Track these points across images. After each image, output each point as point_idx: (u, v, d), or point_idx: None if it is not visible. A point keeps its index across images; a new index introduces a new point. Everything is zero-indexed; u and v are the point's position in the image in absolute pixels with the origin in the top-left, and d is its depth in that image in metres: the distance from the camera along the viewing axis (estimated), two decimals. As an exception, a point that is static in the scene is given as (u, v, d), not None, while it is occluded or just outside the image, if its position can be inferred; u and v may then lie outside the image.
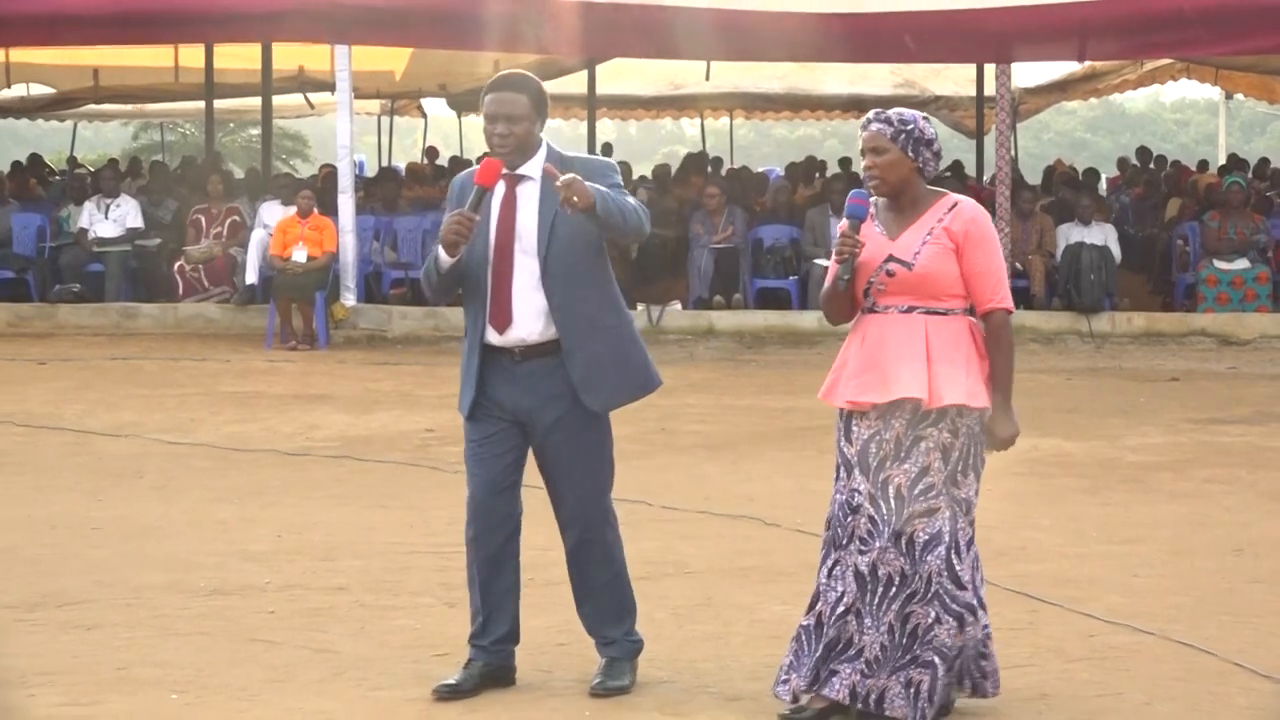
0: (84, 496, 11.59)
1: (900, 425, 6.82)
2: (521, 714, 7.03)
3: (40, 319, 20.83)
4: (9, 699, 6.44)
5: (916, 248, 6.86)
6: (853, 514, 6.88)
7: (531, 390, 7.06)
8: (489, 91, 7.09)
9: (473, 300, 7.09)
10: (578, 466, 7.17)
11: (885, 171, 6.91)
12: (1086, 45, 22.55)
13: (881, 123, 6.98)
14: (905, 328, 6.88)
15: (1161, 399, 16.07)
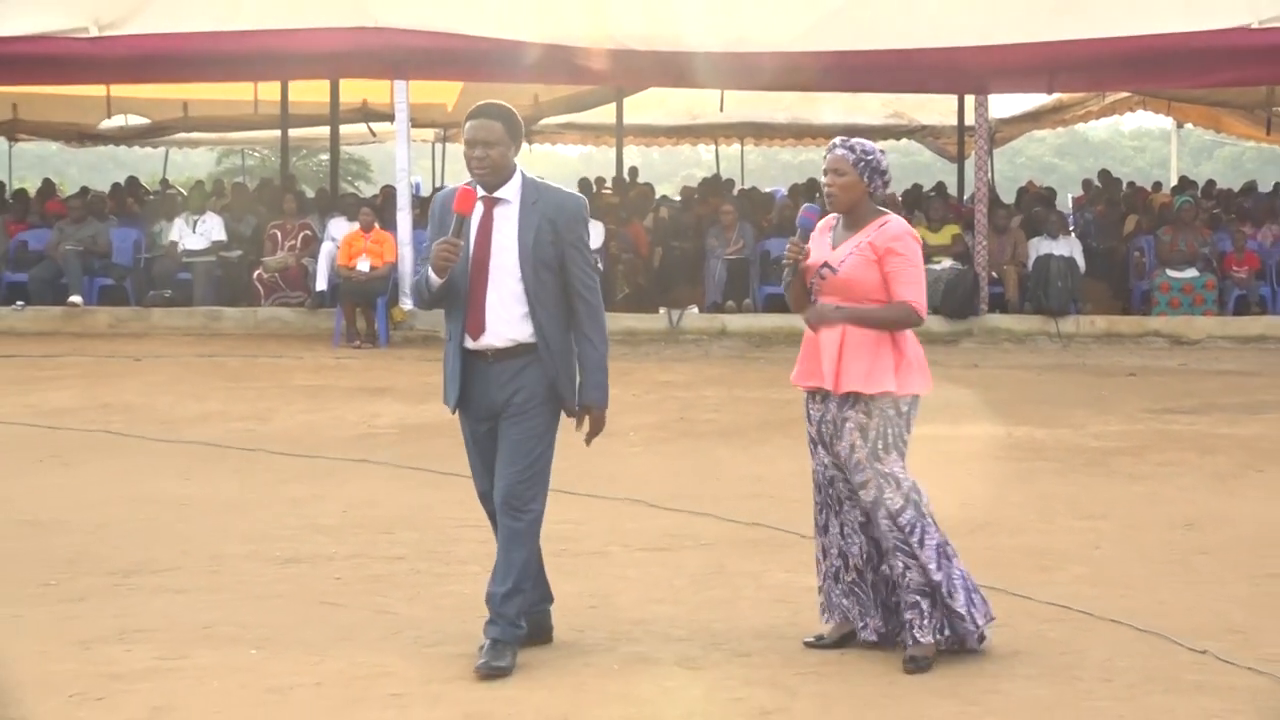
0: (174, 477, 11.59)
1: (834, 408, 7.25)
2: (557, 667, 7.03)
3: (136, 321, 20.85)
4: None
5: (844, 256, 7.25)
6: (830, 484, 7.34)
7: (501, 387, 7.03)
8: (468, 119, 7.04)
9: (453, 309, 7.07)
10: (517, 456, 7.05)
11: (841, 191, 7.30)
12: (1055, 80, 22.56)
13: (846, 149, 7.33)
14: (833, 324, 7.19)
15: (1121, 392, 16.03)
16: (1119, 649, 7.29)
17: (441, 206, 7.10)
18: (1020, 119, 32.13)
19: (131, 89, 27.54)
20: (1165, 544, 9.59)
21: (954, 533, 9.74)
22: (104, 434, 13.43)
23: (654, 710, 6.46)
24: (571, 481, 11.05)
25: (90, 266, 21.50)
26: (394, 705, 6.53)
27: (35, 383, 16.20)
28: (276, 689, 6.72)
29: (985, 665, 7.07)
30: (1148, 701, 6.58)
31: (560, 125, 32.49)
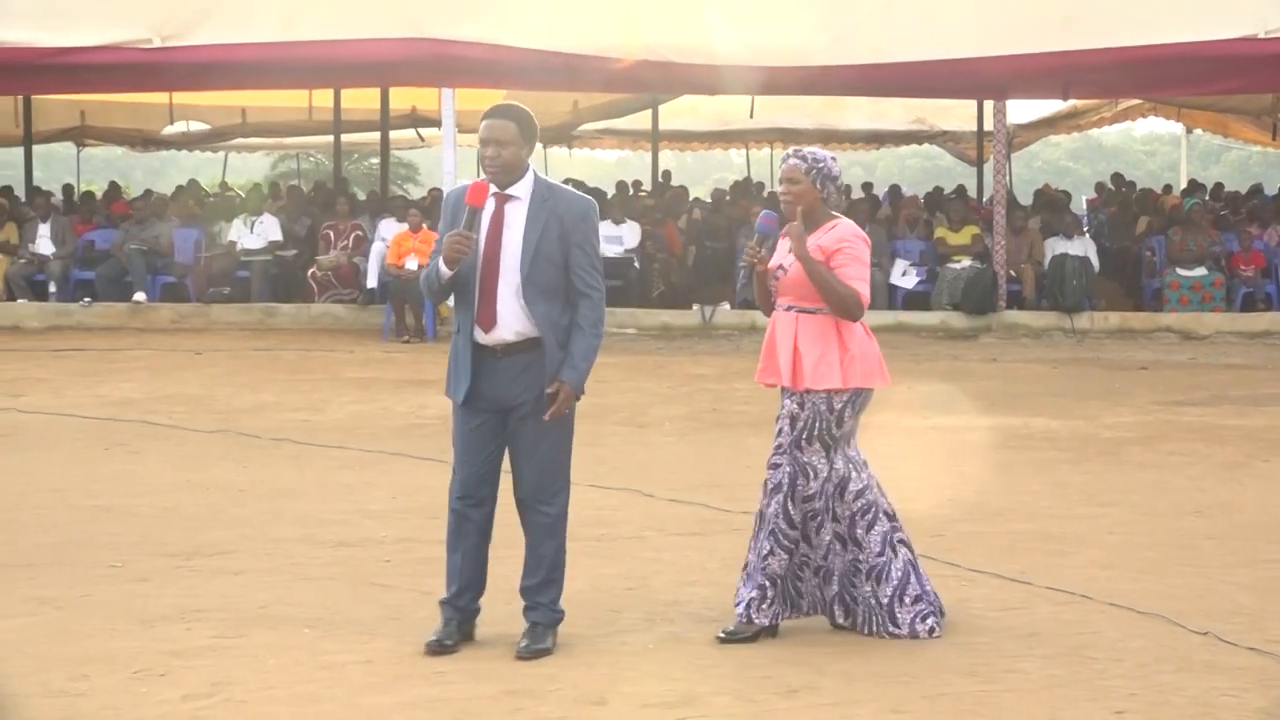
0: (232, 464, 11.62)
1: (790, 403, 7.29)
2: (595, 646, 7.04)
3: (196, 316, 20.91)
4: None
5: (790, 257, 7.25)
6: (779, 473, 7.32)
7: (511, 381, 6.94)
8: (484, 118, 6.98)
9: (463, 303, 6.97)
10: (540, 446, 7.00)
11: (796, 198, 7.29)
12: (1070, 88, 22.50)
13: (799, 159, 7.34)
14: (786, 322, 7.28)
15: (1133, 385, 15.98)
16: (1130, 630, 7.26)
17: (454, 203, 7.02)
18: (1037, 124, 32.06)
19: (192, 96, 27.62)
20: (1175, 530, 9.55)
21: (972, 518, 9.79)
22: (166, 424, 13.48)
23: (687, 687, 6.46)
24: (609, 470, 11.06)
25: (153, 265, 21.57)
26: (440, 681, 6.54)
27: (102, 375, 16.26)
28: (329, 666, 6.73)
29: (1004, 645, 7.05)
30: (1158, 680, 6.55)
31: (598, 131, 32.51)
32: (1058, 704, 6.29)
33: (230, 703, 6.26)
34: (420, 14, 20.04)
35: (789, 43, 20.06)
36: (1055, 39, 19.74)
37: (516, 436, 7.02)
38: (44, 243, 21.98)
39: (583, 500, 9.90)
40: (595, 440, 12.10)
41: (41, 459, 11.85)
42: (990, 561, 8.69)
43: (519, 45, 19.91)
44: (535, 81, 20.99)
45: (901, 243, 21.85)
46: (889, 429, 13.19)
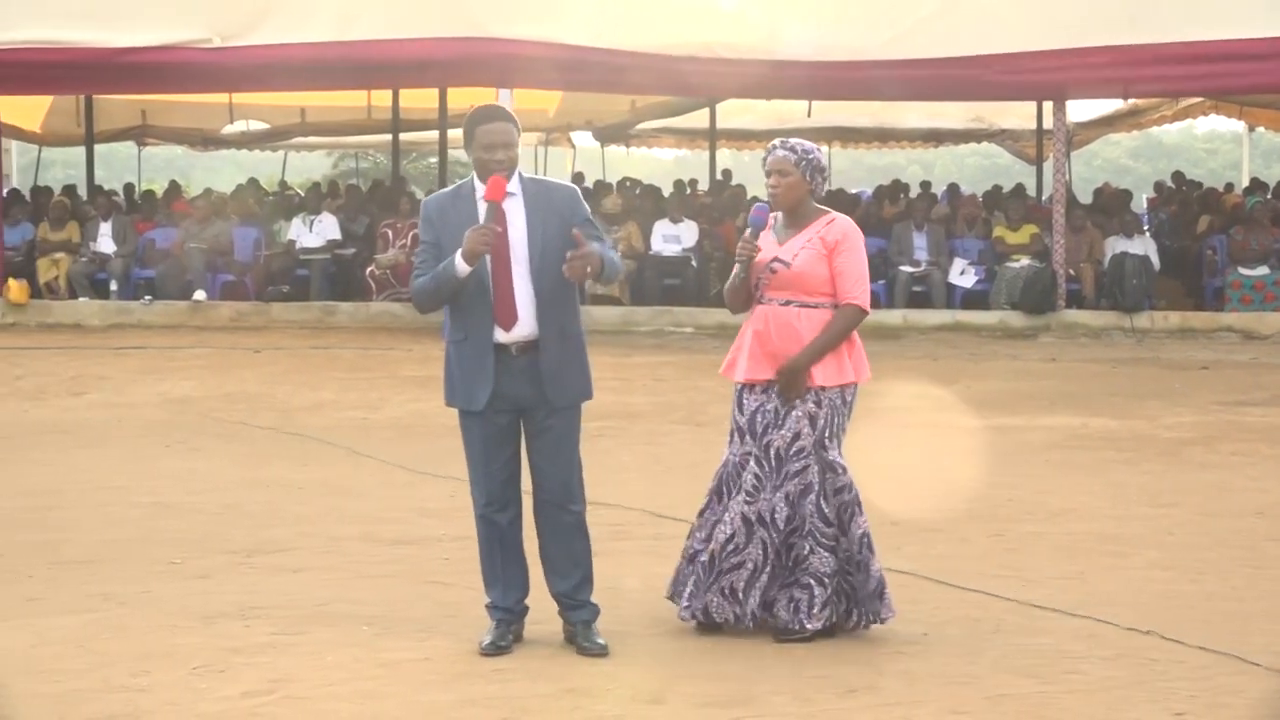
0: (291, 462, 11.68)
1: (777, 398, 7.16)
2: (652, 646, 7.06)
3: (256, 315, 21.00)
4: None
5: (796, 251, 7.19)
6: (743, 471, 7.21)
7: (532, 380, 6.91)
8: (482, 123, 6.88)
9: (475, 304, 6.89)
10: (563, 446, 7.00)
11: (786, 190, 7.24)
12: (1130, 86, 22.38)
13: (787, 150, 7.32)
14: (785, 317, 7.18)
15: (1193, 385, 15.89)
16: (1190, 632, 7.21)
17: (439, 209, 6.98)
18: (1096, 123, 31.87)
19: (252, 96, 27.72)
20: (1236, 531, 9.49)
21: (1032, 519, 9.76)
22: (226, 421, 13.55)
23: (744, 686, 6.45)
24: (665, 469, 11.06)
25: (213, 263, 21.68)
26: (497, 679, 6.55)
27: (163, 372, 16.36)
28: (387, 663, 6.75)
29: (1063, 646, 7.02)
30: (1219, 682, 6.52)
31: (656, 129, 32.49)
32: (1118, 705, 6.26)
33: (289, 699, 6.29)
34: (479, 13, 20.08)
35: (847, 41, 20.03)
36: (1115, 37, 19.65)
37: (540, 438, 7.00)
38: (105, 241, 22.10)
39: (640, 499, 9.93)
40: (653, 439, 12.11)
41: (103, 456, 11.93)
42: (1050, 562, 8.66)
43: (578, 44, 19.94)
44: (592, 83, 21.02)
45: (960, 241, 21.77)
46: (948, 429, 13.17)
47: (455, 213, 6.93)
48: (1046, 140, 26.07)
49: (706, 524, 7.32)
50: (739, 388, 7.28)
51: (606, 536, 8.72)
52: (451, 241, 6.86)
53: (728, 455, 7.30)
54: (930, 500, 10.27)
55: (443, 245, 6.89)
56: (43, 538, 9.20)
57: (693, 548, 7.33)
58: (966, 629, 7.33)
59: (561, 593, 7.08)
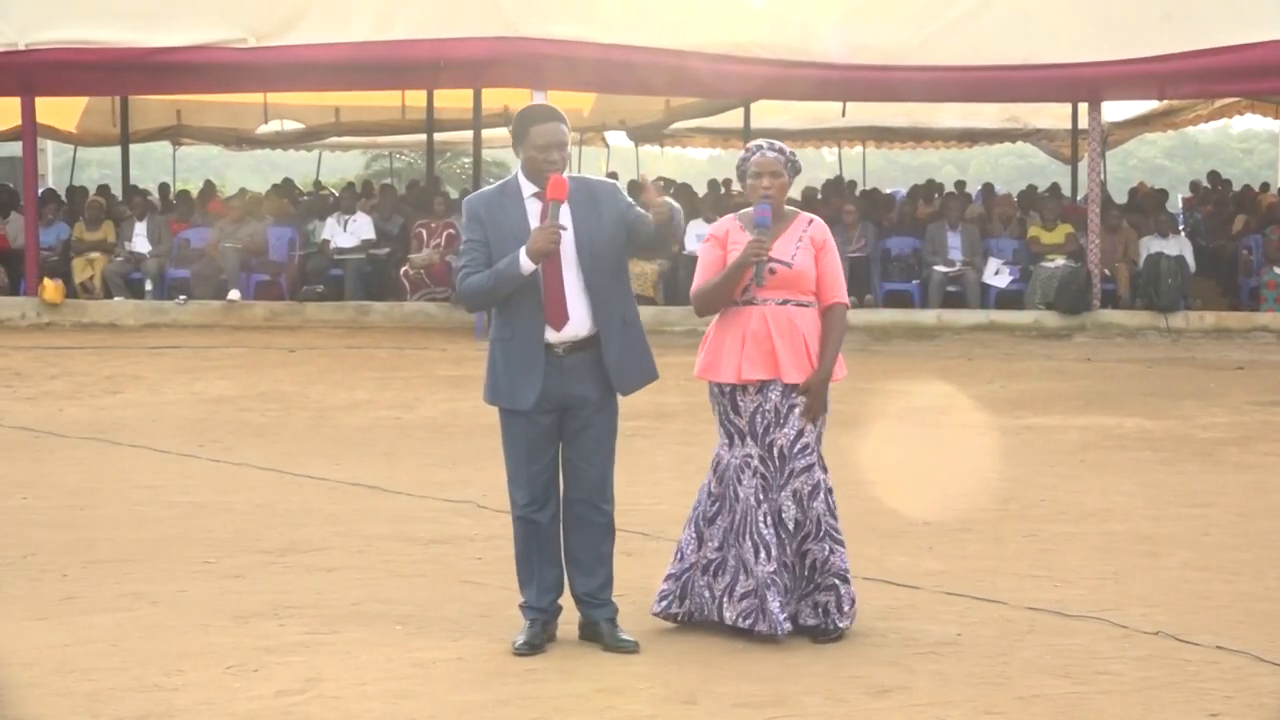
0: (325, 461, 11.70)
1: (777, 397, 7.19)
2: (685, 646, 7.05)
3: (290, 314, 21.05)
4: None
5: (793, 251, 7.22)
6: (749, 474, 7.18)
7: (579, 379, 6.92)
8: (537, 123, 6.91)
9: (525, 303, 6.89)
10: (603, 446, 7.03)
11: (780, 191, 7.28)
12: (1165, 88, 22.31)
13: (776, 152, 7.37)
14: (785, 316, 7.18)
15: (1228, 385, 15.82)
16: (1225, 632, 7.18)
17: (487, 207, 6.98)
18: (1131, 122, 31.76)
19: (286, 96, 27.80)
20: (1271, 532, 9.45)
21: (1066, 519, 9.73)
22: (260, 420, 13.58)
23: (777, 687, 6.45)
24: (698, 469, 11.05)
25: (248, 263, 21.73)
26: (530, 679, 6.55)
27: (197, 372, 16.41)
28: (420, 663, 6.76)
29: (1096, 646, 7.00)
30: (1254, 683, 6.49)
31: (690, 129, 32.47)
32: (1151, 706, 6.24)
33: (322, 699, 6.30)
34: (513, 13, 20.11)
35: (881, 42, 20.01)
36: (1151, 41, 19.61)
37: (580, 437, 7.01)
38: (140, 241, 22.18)
39: (672, 498, 9.93)
40: (687, 439, 12.10)
41: (137, 455, 11.97)
42: (1084, 562, 8.63)
43: (613, 43, 19.95)
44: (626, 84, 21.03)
45: (995, 241, 21.72)
46: (983, 429, 13.14)
47: (503, 211, 6.95)
48: (1081, 140, 26.01)
49: (718, 531, 7.26)
50: (729, 389, 7.23)
51: (638, 536, 8.73)
52: (499, 240, 6.88)
53: (727, 459, 7.25)
54: (964, 500, 10.26)
55: (491, 243, 6.90)
56: (77, 536, 9.23)
57: (706, 556, 7.27)
58: (999, 629, 7.31)
59: (586, 592, 7.08)
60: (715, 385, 7.27)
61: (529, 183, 6.97)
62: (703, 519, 7.31)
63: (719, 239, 7.33)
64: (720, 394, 7.27)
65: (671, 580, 7.33)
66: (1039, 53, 19.89)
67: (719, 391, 7.27)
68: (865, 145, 35.63)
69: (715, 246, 7.33)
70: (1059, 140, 31.63)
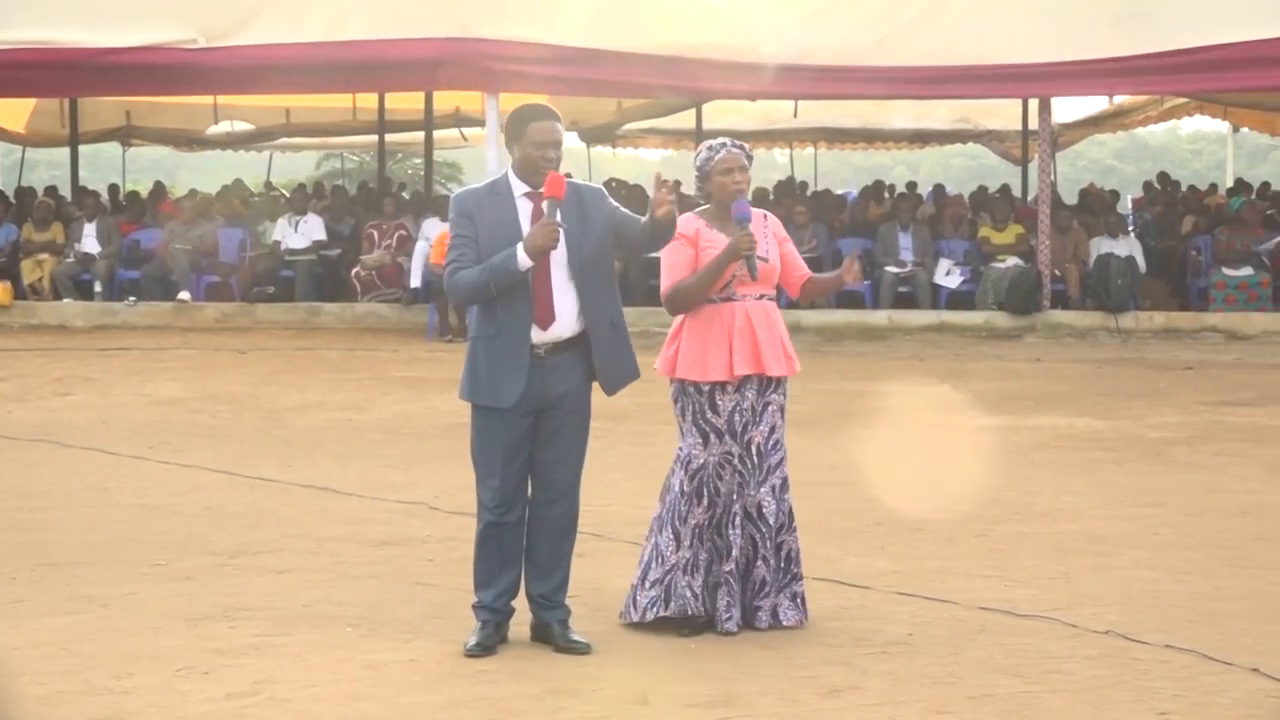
0: (277, 463, 11.66)
1: (752, 395, 7.31)
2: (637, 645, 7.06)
3: (241, 315, 20.98)
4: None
5: (765, 245, 7.33)
6: (718, 477, 7.25)
7: (559, 381, 6.92)
8: (535, 120, 6.94)
9: (513, 301, 6.85)
10: (576, 447, 7.04)
11: (747, 186, 7.42)
12: (1115, 88, 22.42)
13: (738, 149, 7.49)
14: (766, 311, 7.35)
15: (1178, 385, 15.91)
16: (1176, 632, 7.22)
17: (475, 203, 6.96)
18: (1082, 123, 31.92)
19: (237, 97, 27.71)
20: (1222, 531, 9.51)
21: (1017, 518, 9.76)
22: (211, 422, 13.53)
23: (730, 687, 6.45)
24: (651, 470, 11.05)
25: (198, 264, 21.65)
26: (483, 680, 6.55)
27: (148, 374, 16.34)
28: (372, 665, 6.75)
29: (1047, 646, 7.02)
30: (1203, 681, 6.52)
31: (643, 130, 32.51)
32: (1102, 704, 6.27)
33: (274, 701, 6.28)
34: (466, 14, 20.09)
35: (833, 42, 20.05)
36: (1102, 42, 19.70)
37: (555, 438, 7.01)
38: (90, 242, 22.08)
39: (625, 499, 9.93)
40: (639, 440, 12.11)
41: (88, 458, 11.91)
42: (1036, 562, 8.67)
43: (565, 45, 19.96)
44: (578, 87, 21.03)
45: (946, 242, 21.79)
46: (935, 429, 13.18)
47: (493, 208, 6.94)
48: (1032, 141, 26.11)
49: (690, 530, 7.29)
50: (709, 388, 7.26)
51: (590, 537, 8.73)
52: (489, 237, 6.87)
53: (705, 458, 7.27)
54: (916, 500, 10.28)
55: (480, 240, 6.89)
56: (28, 539, 9.18)
57: (684, 556, 7.28)
58: (951, 629, 7.33)
59: (541, 594, 7.08)
60: (692, 385, 7.29)
61: (521, 181, 6.99)
62: (678, 519, 7.31)
63: (689, 238, 7.34)
64: (697, 393, 7.29)
65: (656, 586, 7.33)
66: (991, 53, 19.96)
67: (695, 391, 7.29)
68: (817, 146, 35.70)
69: (685, 246, 7.34)
70: (1009, 141, 31.76)
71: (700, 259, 7.28)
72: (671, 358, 7.36)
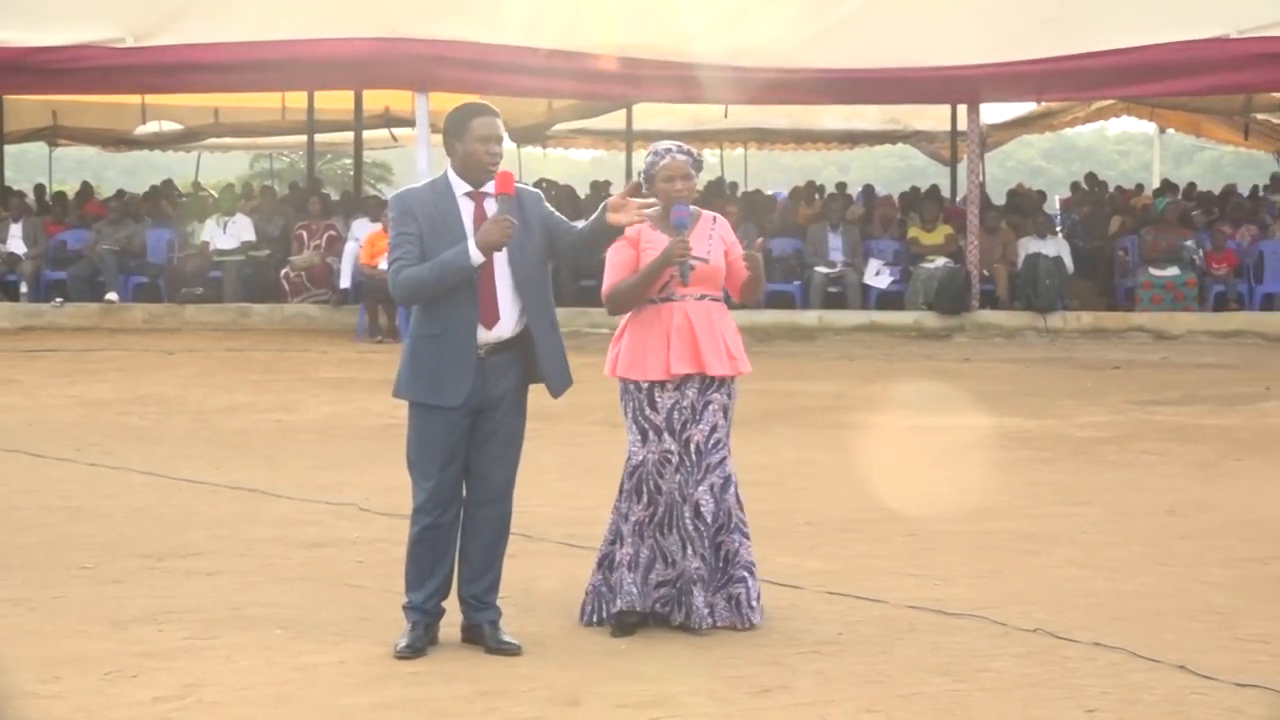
0: (206, 464, 11.60)
1: (693, 393, 7.36)
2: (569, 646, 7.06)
3: (169, 317, 20.87)
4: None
5: (707, 247, 7.40)
6: (670, 469, 7.29)
7: (498, 380, 6.92)
8: (478, 115, 6.93)
9: (459, 301, 6.83)
10: (512, 449, 7.04)
11: (690, 191, 7.42)
12: (1043, 91, 22.57)
13: (684, 155, 7.49)
14: (706, 311, 7.40)
15: (1106, 384, 16.01)
16: (1103, 629, 7.27)
17: (417, 201, 6.92)
18: (1010, 124, 32.11)
19: (165, 96, 27.55)
20: (1149, 529, 9.58)
21: (947, 518, 9.80)
22: (140, 423, 13.45)
23: (661, 687, 6.46)
24: (584, 470, 11.06)
25: (126, 265, 21.53)
26: (414, 682, 6.53)
27: (75, 375, 16.23)
28: (302, 667, 6.72)
29: (976, 644, 7.06)
30: (1130, 678, 6.57)
31: (573, 130, 32.51)
32: (1030, 702, 6.30)
33: (202, 704, 6.25)
34: (395, 14, 20.05)
35: (763, 44, 20.10)
36: (1030, 44, 19.83)
37: (492, 439, 6.99)
38: (15, 243, 21.93)
39: (557, 500, 9.93)
40: (572, 440, 12.11)
41: (14, 460, 11.81)
42: (965, 561, 8.71)
43: (495, 44, 19.95)
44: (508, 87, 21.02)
45: (875, 243, 21.89)
46: (864, 429, 13.22)
47: (436, 208, 6.91)
48: (960, 142, 26.24)
49: (632, 527, 7.31)
50: (647, 386, 7.32)
51: (522, 538, 8.72)
52: (433, 235, 6.85)
53: (644, 455, 7.31)
54: (845, 500, 10.33)
55: (424, 239, 6.86)
56: (-48, 542, 9.10)
57: (627, 554, 7.31)
58: (880, 628, 7.36)
59: (474, 595, 7.06)
60: (633, 383, 7.36)
61: (462, 180, 6.96)
62: (621, 517, 7.37)
63: (630, 239, 7.36)
64: (637, 391, 7.37)
65: (605, 588, 7.37)
66: (921, 55, 20.06)
67: (635, 389, 7.37)
68: (747, 147, 35.79)
69: (627, 246, 7.37)
70: (939, 142, 31.93)
71: (641, 260, 7.34)
72: (614, 358, 7.44)
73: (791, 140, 34.29)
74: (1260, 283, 21.33)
